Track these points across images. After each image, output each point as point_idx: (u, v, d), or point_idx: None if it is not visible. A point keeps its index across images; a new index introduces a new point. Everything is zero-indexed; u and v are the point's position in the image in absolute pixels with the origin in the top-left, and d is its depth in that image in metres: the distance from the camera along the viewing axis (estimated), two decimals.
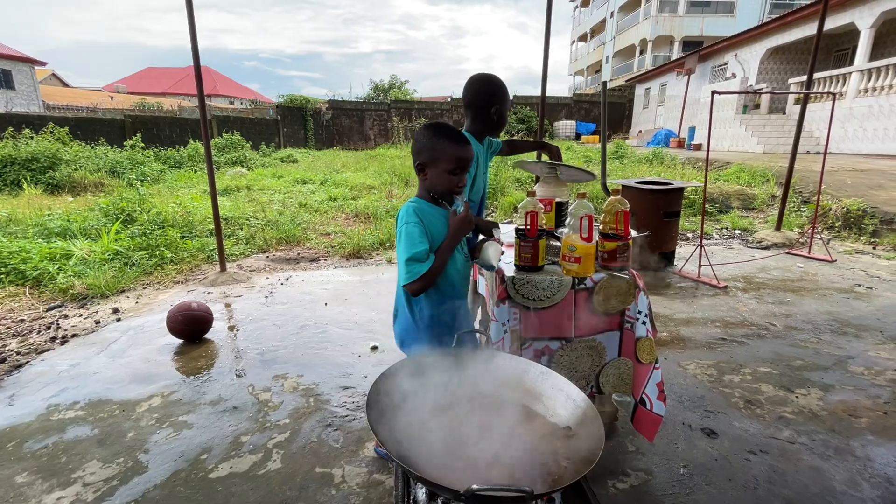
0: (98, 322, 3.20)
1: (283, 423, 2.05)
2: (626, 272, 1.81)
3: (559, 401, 1.05)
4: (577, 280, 1.77)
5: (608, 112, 7.86)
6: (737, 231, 5.83)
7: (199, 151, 11.87)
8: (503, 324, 1.75)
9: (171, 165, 11.21)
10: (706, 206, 5.78)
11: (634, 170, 9.17)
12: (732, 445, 1.88)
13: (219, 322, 3.15)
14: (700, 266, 4.09)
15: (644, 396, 1.74)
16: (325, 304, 3.52)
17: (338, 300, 3.61)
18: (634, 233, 1.93)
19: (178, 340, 2.89)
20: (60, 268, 3.93)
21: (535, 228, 1.76)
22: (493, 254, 1.51)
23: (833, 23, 11.30)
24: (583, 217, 1.69)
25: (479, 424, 0.95)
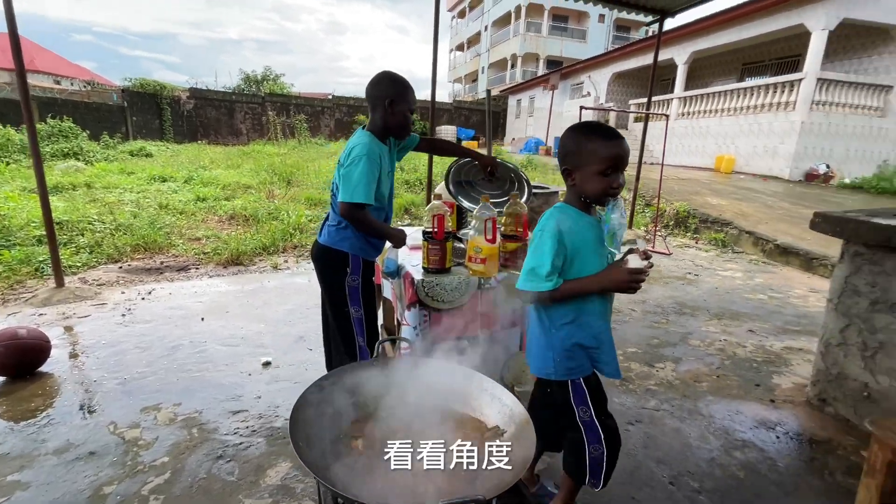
0: None
1: (161, 463, 1.75)
2: None
3: (484, 400, 1.08)
4: (483, 280, 1.84)
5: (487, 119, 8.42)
6: None
7: (11, 139, 9.56)
8: (415, 327, 1.73)
9: None
10: None
11: None
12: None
13: (59, 350, 2.58)
14: None
15: None
16: (202, 319, 3.11)
17: (217, 314, 3.22)
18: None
19: (1, 378, 2.28)
20: None
21: (443, 231, 1.79)
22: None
23: (660, 56, 13.63)
24: (487, 220, 1.77)
25: (415, 434, 0.92)
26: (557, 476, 1.58)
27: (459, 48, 36.97)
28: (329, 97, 21.69)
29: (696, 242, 6.17)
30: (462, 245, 2.10)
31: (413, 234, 2.34)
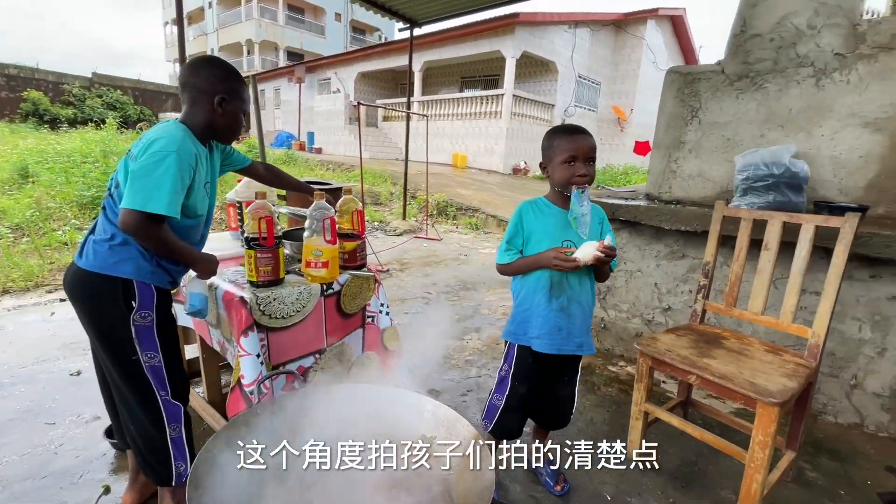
0: None
1: None
2: (366, 269, 1.87)
3: (405, 417, 1.00)
4: (325, 286, 1.67)
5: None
6: (376, 223, 6.93)
7: None
8: (258, 355, 1.43)
9: None
10: None
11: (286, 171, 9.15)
12: (451, 396, 2.32)
13: None
14: (366, 255, 4.64)
15: None
16: None
17: None
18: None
19: None
20: None
21: (273, 236, 1.52)
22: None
23: (397, 62, 14.98)
24: (325, 219, 1.60)
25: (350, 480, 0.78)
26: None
27: (177, 23, 31.21)
28: None
29: (458, 227, 7.16)
30: (288, 251, 1.84)
31: (214, 245, 1.93)
